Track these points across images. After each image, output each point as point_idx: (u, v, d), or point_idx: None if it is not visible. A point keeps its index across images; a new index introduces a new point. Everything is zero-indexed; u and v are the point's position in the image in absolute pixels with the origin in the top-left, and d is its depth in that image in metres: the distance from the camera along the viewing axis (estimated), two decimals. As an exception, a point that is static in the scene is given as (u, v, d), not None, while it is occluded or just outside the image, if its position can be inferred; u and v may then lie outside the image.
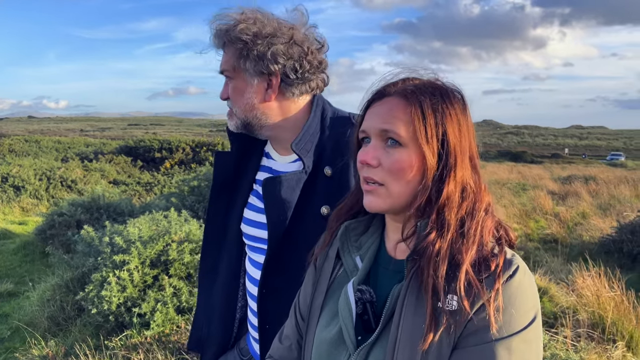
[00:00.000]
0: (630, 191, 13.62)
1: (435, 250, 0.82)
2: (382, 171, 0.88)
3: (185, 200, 6.43)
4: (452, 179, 0.86)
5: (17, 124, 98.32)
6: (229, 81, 1.31)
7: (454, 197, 0.86)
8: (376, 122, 0.90)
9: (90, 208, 6.67)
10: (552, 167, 27.54)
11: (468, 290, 0.79)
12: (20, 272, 5.93)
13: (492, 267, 0.81)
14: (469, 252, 0.82)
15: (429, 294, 0.81)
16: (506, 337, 0.78)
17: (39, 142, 22.77)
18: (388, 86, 0.93)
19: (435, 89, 0.90)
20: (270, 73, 1.26)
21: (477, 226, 0.85)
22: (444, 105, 0.88)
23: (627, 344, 3.65)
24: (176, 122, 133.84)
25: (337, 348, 0.91)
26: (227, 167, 1.43)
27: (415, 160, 0.86)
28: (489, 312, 0.78)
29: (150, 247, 3.75)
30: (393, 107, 0.89)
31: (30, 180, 11.44)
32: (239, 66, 1.26)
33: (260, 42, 1.23)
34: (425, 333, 0.79)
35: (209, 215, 1.48)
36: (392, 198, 0.88)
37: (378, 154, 0.89)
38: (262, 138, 1.38)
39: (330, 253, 1.03)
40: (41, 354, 3.41)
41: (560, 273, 5.64)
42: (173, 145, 16.15)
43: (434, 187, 0.86)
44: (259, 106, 1.29)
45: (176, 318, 3.53)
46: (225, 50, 1.29)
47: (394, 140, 0.88)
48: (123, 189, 12.28)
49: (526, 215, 10.59)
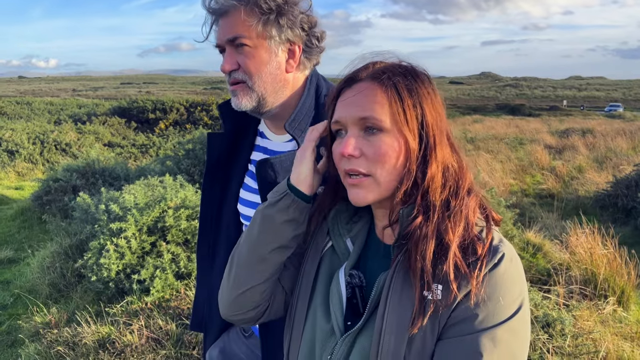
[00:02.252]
0: (627, 143, 13.63)
1: (422, 233, 0.81)
2: (365, 161, 0.86)
3: (181, 163, 6.40)
4: (434, 160, 0.85)
5: (7, 85, 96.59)
6: (241, 50, 1.17)
7: (437, 178, 0.85)
8: (352, 111, 0.86)
9: (85, 173, 6.64)
10: (550, 120, 27.41)
11: (455, 274, 0.79)
12: (19, 239, 5.97)
13: (479, 252, 0.80)
14: (456, 231, 0.81)
15: (417, 278, 0.80)
16: (491, 327, 0.77)
17: (30, 104, 22.45)
18: (357, 71, 0.90)
19: (405, 70, 0.88)
20: (294, 42, 1.19)
21: (462, 204, 0.84)
22: (417, 85, 0.86)
23: (618, 299, 3.74)
24: (169, 80, 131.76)
25: (327, 333, 0.92)
26: (221, 149, 1.38)
27: (397, 144, 0.84)
28: (473, 301, 0.77)
29: (146, 214, 3.75)
30: (367, 92, 0.86)
31: (24, 145, 11.34)
32: (264, 33, 1.16)
33: (290, 8, 1.17)
34: (414, 318, 0.79)
35: (204, 197, 1.45)
36: (380, 187, 0.86)
37: (359, 144, 0.86)
38: (264, 117, 1.30)
39: (324, 227, 1.01)
40: (43, 321, 3.47)
41: (555, 230, 5.71)
42: (167, 105, 15.94)
43: (419, 170, 0.85)
44: (281, 78, 1.21)
45: (175, 284, 3.57)
46: (236, 16, 1.15)
47: (373, 127, 0.85)
48: (118, 152, 12.21)
49: (522, 171, 10.62)
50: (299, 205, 0.95)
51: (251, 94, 1.20)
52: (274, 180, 1.21)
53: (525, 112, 41.35)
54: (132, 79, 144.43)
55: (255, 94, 1.20)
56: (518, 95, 78.41)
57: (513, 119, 29.91)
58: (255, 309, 1.00)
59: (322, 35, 1.25)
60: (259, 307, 1.00)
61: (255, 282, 0.97)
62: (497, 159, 11.50)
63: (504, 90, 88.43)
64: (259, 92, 1.20)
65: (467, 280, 0.78)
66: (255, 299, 0.98)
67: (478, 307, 0.78)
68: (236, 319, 1.02)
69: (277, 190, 0.98)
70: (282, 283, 1.02)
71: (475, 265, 0.79)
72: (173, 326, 3.06)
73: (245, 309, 0.99)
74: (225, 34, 1.17)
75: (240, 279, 0.98)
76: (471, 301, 0.78)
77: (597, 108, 53.84)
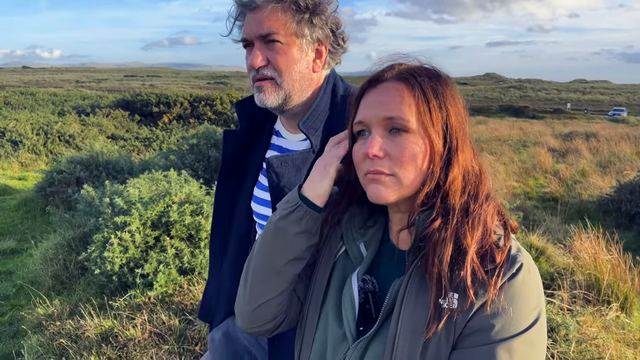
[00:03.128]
0: (630, 148, 13.60)
1: (441, 237, 0.81)
2: (389, 161, 0.85)
3: (185, 158, 6.40)
4: (457, 163, 0.84)
5: (11, 75, 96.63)
6: (272, 46, 1.16)
7: (458, 181, 0.84)
8: (378, 111, 0.85)
9: (89, 165, 6.64)
10: (553, 123, 27.35)
11: (473, 281, 0.78)
12: (22, 229, 5.98)
13: (497, 259, 0.79)
14: (474, 236, 0.80)
15: (433, 282, 0.79)
16: (507, 338, 0.76)
17: (34, 95, 22.44)
18: (382, 72, 0.89)
19: (431, 72, 0.87)
20: (323, 42, 1.20)
21: (481, 209, 0.83)
22: (442, 88, 0.86)
23: (622, 305, 3.73)
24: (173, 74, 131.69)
25: (339, 339, 0.90)
26: (236, 146, 1.38)
27: (423, 146, 0.84)
28: (490, 311, 0.76)
29: (151, 208, 3.75)
30: (393, 92, 0.85)
31: (27, 135, 11.35)
32: (298, 31, 1.16)
33: (323, 8, 1.17)
34: (429, 322, 0.78)
35: (217, 194, 1.45)
36: (402, 187, 0.85)
37: (383, 144, 0.85)
38: (284, 115, 1.29)
39: (337, 232, 1.00)
40: (46, 313, 3.47)
41: (558, 233, 5.69)
42: (171, 99, 15.93)
43: (442, 172, 0.84)
44: (308, 77, 1.22)
45: (179, 279, 3.57)
46: (271, 11, 1.14)
47: (400, 127, 0.84)
48: (121, 144, 12.21)
49: (526, 173, 10.61)
50: (312, 216, 0.94)
51: (279, 91, 1.19)
52: (284, 178, 1.21)
53: (529, 114, 41.29)
54: (136, 71, 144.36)
55: (283, 92, 1.20)
56: (522, 97, 78.24)
57: (517, 120, 29.86)
58: (273, 321, 0.99)
59: (346, 37, 1.25)
60: (276, 318, 0.99)
61: (271, 296, 0.96)
62: (501, 161, 11.49)
63: (508, 91, 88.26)
64: (287, 90, 1.20)
65: (484, 288, 0.77)
66: (272, 312, 0.98)
67: (495, 318, 0.76)
68: (255, 331, 1.01)
69: (289, 201, 0.96)
70: (298, 294, 1.02)
71: (493, 273, 0.78)
72: (176, 321, 3.06)
73: (263, 322, 0.99)
74: (257, 29, 1.16)
75: (256, 293, 0.97)
76: (488, 311, 0.76)
77: (601, 112, 53.69)
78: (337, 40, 1.23)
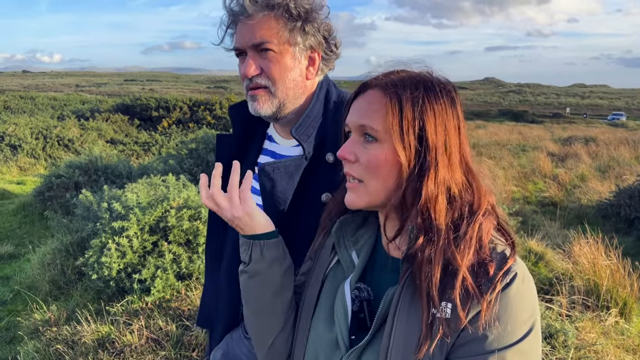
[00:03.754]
0: (629, 153, 13.60)
1: (426, 257, 0.79)
2: (359, 167, 0.86)
3: (184, 162, 6.40)
4: (432, 179, 0.81)
5: (11, 79, 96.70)
6: (265, 55, 1.16)
7: (439, 199, 0.81)
8: (355, 116, 0.88)
9: (88, 170, 6.63)
10: (553, 127, 27.38)
11: (464, 298, 0.76)
12: (19, 234, 5.96)
13: (491, 272, 0.77)
14: (465, 258, 0.78)
15: (423, 301, 0.78)
16: (500, 348, 0.75)
17: (34, 99, 22.46)
18: (373, 78, 0.89)
19: (420, 82, 0.85)
20: (316, 49, 1.20)
21: (474, 231, 0.80)
22: (427, 100, 0.82)
23: (621, 310, 3.71)
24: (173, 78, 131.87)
25: (332, 348, 0.90)
26: (229, 150, 1.37)
27: (389, 157, 0.83)
28: (483, 322, 0.76)
29: (148, 213, 3.74)
30: (372, 100, 0.86)
31: (26, 139, 11.34)
32: (290, 39, 1.15)
33: (315, 15, 1.17)
34: (421, 343, 0.77)
35: None
36: (369, 195, 0.86)
37: (355, 149, 0.87)
38: (278, 122, 1.28)
39: (327, 243, 1.01)
40: (43, 318, 3.46)
41: (557, 238, 5.68)
42: (170, 104, 15.94)
43: (410, 186, 0.82)
44: (301, 85, 1.22)
45: (176, 284, 3.56)
46: (262, 20, 1.14)
47: (370, 135, 0.85)
48: (121, 149, 12.21)
49: (525, 178, 10.60)
50: (269, 244, 0.98)
51: (272, 99, 1.19)
52: (276, 185, 1.21)
53: (528, 118, 41.33)
54: (136, 76, 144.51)
55: (277, 100, 1.20)
56: (521, 102, 78.34)
57: (516, 125, 29.89)
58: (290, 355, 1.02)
59: (339, 43, 1.25)
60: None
61: (275, 333, 1.00)
62: (500, 166, 11.49)
63: (507, 96, 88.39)
64: (281, 98, 1.20)
65: (477, 300, 0.76)
66: (285, 347, 1.01)
67: (488, 328, 0.76)
68: None
69: (242, 246, 1.00)
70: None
71: (487, 287, 0.77)
72: (173, 327, 3.04)
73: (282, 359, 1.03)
74: (250, 38, 1.15)
75: (261, 337, 1.01)
76: (481, 321, 0.76)
77: (600, 116, 53.76)
78: (329, 47, 1.23)
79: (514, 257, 0.81)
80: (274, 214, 1.22)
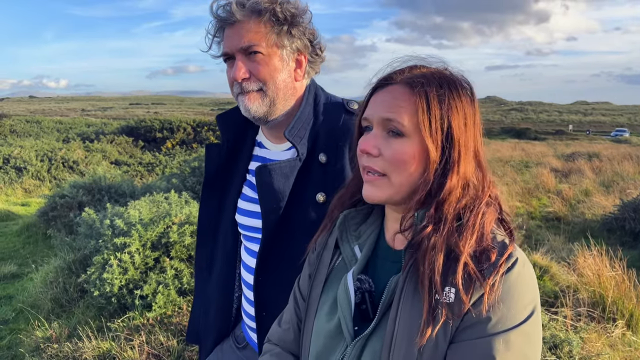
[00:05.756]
0: (633, 168, 13.56)
1: (431, 244, 0.81)
2: (382, 161, 0.87)
3: (187, 181, 6.43)
4: (455, 174, 0.84)
5: (18, 104, 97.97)
6: (254, 58, 1.19)
7: (455, 192, 0.84)
8: (380, 111, 0.88)
9: (91, 189, 6.67)
10: (555, 144, 27.38)
11: (467, 282, 0.78)
12: (23, 254, 5.97)
13: (492, 258, 0.79)
14: (467, 244, 0.80)
15: (425, 288, 0.79)
16: (504, 330, 0.77)
17: (40, 123, 22.72)
18: (394, 73, 0.90)
19: (443, 79, 0.86)
20: (302, 52, 1.24)
21: (477, 219, 0.82)
22: (451, 97, 0.85)
23: (627, 322, 3.66)
24: (177, 101, 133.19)
25: (334, 339, 0.91)
26: (219, 160, 1.39)
27: (417, 152, 0.84)
28: (486, 305, 0.77)
29: (151, 229, 3.75)
30: (398, 95, 0.86)
31: (31, 162, 11.44)
32: (278, 42, 1.19)
33: (300, 20, 1.21)
34: (422, 328, 0.78)
35: (202, 208, 1.45)
36: (392, 189, 0.87)
37: (379, 143, 0.87)
38: (267, 125, 1.30)
39: (330, 242, 1.02)
40: (44, 336, 3.44)
41: (562, 252, 5.63)
42: (174, 125, 16.09)
43: (436, 181, 0.84)
44: (291, 86, 1.25)
45: (178, 300, 3.55)
46: (250, 24, 1.17)
47: (396, 130, 0.85)
48: (125, 170, 12.28)
49: (529, 193, 10.57)
50: None
51: (264, 98, 1.22)
52: (273, 186, 1.22)
53: (530, 135, 41.37)
54: (141, 99, 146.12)
55: (268, 99, 1.22)
56: (523, 119, 78.57)
57: (519, 142, 29.91)
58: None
59: (323, 47, 1.30)
60: None
61: None
62: (503, 182, 11.46)
63: (509, 114, 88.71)
64: (272, 97, 1.22)
65: (480, 284, 0.78)
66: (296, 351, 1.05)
67: (491, 311, 0.77)
68: None
69: None
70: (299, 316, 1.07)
71: (490, 271, 0.78)
72: (174, 342, 3.03)
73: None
74: (238, 42, 1.18)
75: None
76: (484, 304, 0.77)
77: (603, 133, 53.78)
78: (314, 50, 1.27)
79: (514, 244, 0.83)
80: (272, 215, 1.24)
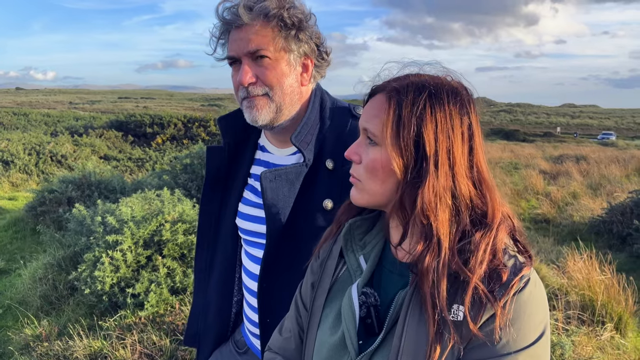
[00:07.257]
0: (620, 171, 13.74)
1: (426, 266, 0.78)
2: (360, 168, 0.88)
3: (178, 178, 6.38)
4: (429, 187, 0.79)
5: (4, 96, 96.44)
6: (261, 62, 1.17)
7: (439, 209, 0.79)
8: (362, 119, 0.90)
9: (81, 185, 6.59)
10: (544, 146, 27.64)
11: (477, 303, 0.76)
12: (11, 249, 5.88)
13: (504, 278, 0.77)
14: (475, 269, 0.76)
15: (429, 309, 0.77)
16: (513, 352, 0.75)
17: (27, 115, 22.41)
18: (386, 81, 0.90)
19: (425, 87, 0.82)
20: (309, 56, 1.23)
21: (488, 244, 0.78)
22: (428, 105, 0.80)
23: (616, 325, 3.71)
24: (167, 96, 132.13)
25: (338, 352, 0.89)
26: (220, 162, 1.38)
27: (386, 161, 0.83)
28: (496, 326, 0.75)
29: (143, 227, 3.72)
30: (376, 105, 0.87)
31: (19, 155, 11.28)
32: (286, 47, 1.18)
33: (307, 24, 1.21)
34: (429, 351, 0.76)
35: (202, 211, 1.44)
36: (367, 195, 0.88)
37: (359, 150, 0.89)
38: (273, 131, 1.28)
39: (334, 250, 1.00)
40: (34, 334, 3.40)
41: (551, 254, 5.69)
42: (164, 120, 15.95)
43: (406, 192, 0.82)
44: (298, 91, 1.24)
45: (170, 299, 3.52)
46: (257, 28, 1.15)
47: (372, 139, 0.87)
48: (114, 165, 12.16)
49: (518, 195, 10.67)
50: None
51: (270, 104, 1.20)
52: (278, 192, 1.21)
53: (519, 137, 41.74)
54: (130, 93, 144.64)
55: (274, 105, 1.21)
56: (512, 121, 79.16)
57: (507, 143, 30.15)
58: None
59: (329, 50, 1.29)
60: None
61: None
62: (493, 183, 11.53)
63: (499, 115, 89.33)
64: (278, 103, 1.21)
65: (490, 305, 0.76)
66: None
67: (501, 331, 0.75)
68: None
69: None
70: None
71: (501, 293, 0.76)
72: (167, 342, 3.00)
73: None
74: (245, 46, 1.17)
75: None
76: (494, 324, 0.75)
77: (590, 136, 54.39)
78: (321, 54, 1.27)
79: (530, 266, 0.80)
80: (276, 221, 1.22)
